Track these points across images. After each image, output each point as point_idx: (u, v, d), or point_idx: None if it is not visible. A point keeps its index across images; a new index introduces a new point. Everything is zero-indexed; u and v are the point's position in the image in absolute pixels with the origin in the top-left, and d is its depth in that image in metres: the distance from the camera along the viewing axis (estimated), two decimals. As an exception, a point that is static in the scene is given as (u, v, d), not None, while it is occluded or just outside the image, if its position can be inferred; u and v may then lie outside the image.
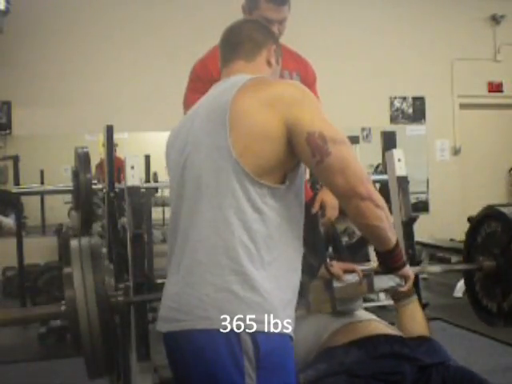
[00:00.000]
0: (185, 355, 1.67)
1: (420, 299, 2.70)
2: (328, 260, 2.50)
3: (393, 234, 1.77)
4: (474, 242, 2.69)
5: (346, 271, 2.29)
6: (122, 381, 2.84)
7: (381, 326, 2.29)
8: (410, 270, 1.95)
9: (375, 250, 1.85)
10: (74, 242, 2.01)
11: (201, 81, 2.53)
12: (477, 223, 2.70)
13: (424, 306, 2.63)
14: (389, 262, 1.86)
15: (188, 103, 2.62)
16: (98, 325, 1.86)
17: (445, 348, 2.15)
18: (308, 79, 2.89)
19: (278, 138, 1.62)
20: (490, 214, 2.62)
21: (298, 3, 2.77)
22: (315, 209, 2.74)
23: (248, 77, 1.73)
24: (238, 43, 1.86)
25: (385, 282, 2.00)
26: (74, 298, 1.87)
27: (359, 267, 2.31)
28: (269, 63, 1.88)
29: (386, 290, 2.10)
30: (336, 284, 2.28)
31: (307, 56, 2.97)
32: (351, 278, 2.26)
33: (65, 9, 7.47)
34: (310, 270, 2.24)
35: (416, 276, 2.58)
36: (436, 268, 2.83)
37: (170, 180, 1.86)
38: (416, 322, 2.30)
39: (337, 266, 2.30)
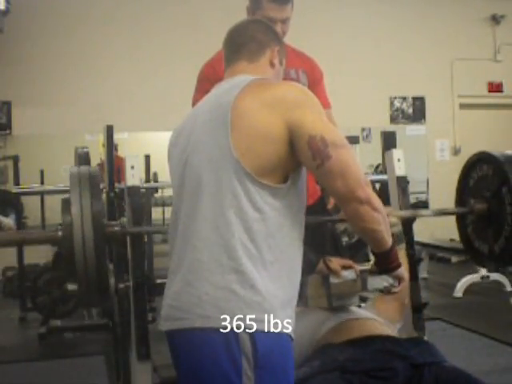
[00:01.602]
0: (184, 353, 1.68)
1: (420, 299, 2.71)
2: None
3: (389, 237, 1.78)
4: (465, 186, 2.71)
5: (344, 267, 2.31)
6: (122, 381, 2.84)
7: (377, 325, 2.30)
8: (404, 272, 1.97)
9: (371, 250, 1.86)
10: (73, 169, 2.01)
11: (209, 81, 2.53)
12: (469, 167, 2.72)
13: (424, 306, 2.64)
14: (384, 263, 1.87)
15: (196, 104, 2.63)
16: (93, 251, 1.86)
17: (440, 350, 2.16)
18: (314, 77, 2.90)
19: (279, 139, 1.63)
20: (481, 158, 2.64)
21: (298, 4, 2.77)
22: (330, 205, 2.75)
23: (251, 77, 1.74)
24: (241, 44, 1.87)
25: (379, 282, 2.02)
26: (71, 223, 1.87)
27: (358, 266, 2.33)
28: (272, 64, 1.88)
29: (379, 290, 2.12)
30: (332, 280, 2.30)
31: (307, 56, 2.98)
32: (347, 275, 2.28)
33: (65, 9, 7.48)
34: (308, 264, 2.25)
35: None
36: (428, 212, 2.86)
37: (171, 179, 1.87)
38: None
39: (335, 262, 2.32)
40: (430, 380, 1.96)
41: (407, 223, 2.75)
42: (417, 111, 8.69)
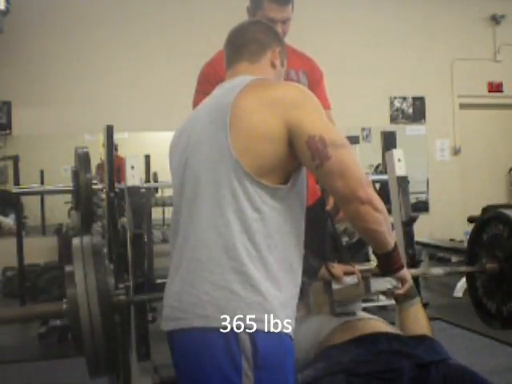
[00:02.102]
0: (184, 353, 1.68)
1: (420, 299, 2.70)
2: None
3: (391, 237, 1.77)
4: (477, 244, 2.69)
5: (346, 273, 2.29)
6: (122, 380, 2.84)
7: (380, 325, 2.29)
8: (407, 273, 1.96)
9: (373, 252, 1.85)
10: (76, 241, 2.01)
11: (209, 83, 2.53)
12: (481, 224, 2.69)
13: (424, 306, 2.63)
14: (387, 265, 1.87)
15: (196, 105, 2.63)
16: (100, 323, 1.86)
17: (445, 347, 2.15)
18: (314, 77, 2.90)
19: (278, 139, 1.63)
20: (497, 217, 2.62)
21: (298, 3, 2.77)
22: (329, 206, 2.75)
23: (250, 78, 1.74)
24: (242, 45, 1.86)
25: (382, 284, 2.00)
26: (75, 296, 1.87)
27: (358, 268, 2.32)
28: (273, 65, 1.88)
29: (383, 293, 2.11)
30: (334, 286, 2.29)
31: (307, 56, 2.98)
32: (349, 280, 2.26)
33: (65, 9, 7.48)
34: (310, 270, 2.24)
35: (416, 278, 2.58)
36: (438, 270, 2.81)
37: (172, 180, 1.87)
38: (419, 324, 2.30)
39: (338, 268, 2.30)
40: (437, 379, 1.95)
41: (407, 223, 2.76)
42: (417, 111, 8.69)
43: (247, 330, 1.58)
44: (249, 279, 1.60)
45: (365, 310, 2.65)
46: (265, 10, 2.65)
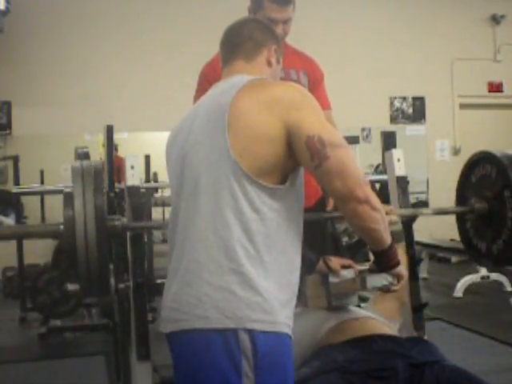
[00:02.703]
0: (184, 354, 1.68)
1: (420, 299, 2.71)
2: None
3: (388, 235, 1.78)
4: (466, 183, 2.71)
5: (343, 266, 2.31)
6: (122, 381, 2.84)
7: (377, 325, 2.30)
8: (403, 270, 1.97)
9: (370, 249, 1.86)
10: (76, 164, 2.01)
11: (209, 82, 2.53)
12: (471, 165, 2.71)
13: (424, 306, 2.64)
14: (383, 261, 1.87)
15: None
16: (95, 245, 1.86)
17: (440, 349, 2.16)
18: (315, 77, 2.90)
19: (277, 139, 1.63)
20: (484, 157, 2.63)
21: (298, 3, 2.77)
22: (330, 206, 2.76)
23: (248, 78, 1.74)
24: (238, 43, 1.86)
25: (378, 280, 2.02)
26: (72, 217, 1.87)
27: (357, 268, 2.34)
28: (269, 63, 1.87)
29: (379, 288, 2.12)
30: (331, 279, 2.31)
31: (307, 56, 2.98)
32: (346, 274, 2.29)
33: (65, 9, 7.48)
34: (308, 263, 2.25)
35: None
36: (428, 210, 2.86)
37: (169, 180, 1.87)
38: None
39: (335, 261, 2.32)
40: (430, 379, 1.96)
41: (407, 223, 2.76)
42: (417, 111, 8.69)
43: (247, 331, 1.58)
44: (248, 280, 1.60)
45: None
46: (266, 10, 2.65)
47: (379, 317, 2.40)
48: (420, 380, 1.97)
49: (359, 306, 2.59)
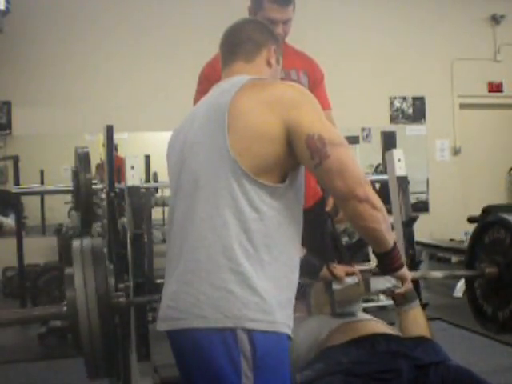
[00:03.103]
0: (183, 354, 1.68)
1: (420, 299, 2.70)
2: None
3: (390, 236, 1.77)
4: (477, 247, 2.68)
5: (347, 273, 2.29)
6: (122, 381, 2.84)
7: (380, 326, 2.29)
8: (407, 272, 1.96)
9: (373, 251, 1.86)
10: (75, 243, 2.02)
11: (209, 82, 2.53)
12: (483, 227, 2.68)
13: (424, 306, 2.64)
14: (386, 264, 1.87)
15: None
16: (99, 326, 1.87)
17: (444, 349, 2.15)
18: (315, 77, 2.90)
19: (277, 139, 1.63)
20: (497, 221, 2.61)
21: (298, 3, 2.77)
22: (329, 207, 2.75)
23: (247, 77, 1.74)
24: (237, 44, 1.86)
25: (382, 283, 2.01)
26: (74, 298, 1.88)
27: (358, 268, 2.32)
28: (269, 63, 1.87)
29: (383, 292, 2.11)
30: (335, 286, 2.29)
31: (307, 56, 2.97)
32: (350, 281, 2.27)
33: (64, 9, 7.48)
34: (311, 270, 2.24)
35: (417, 281, 2.58)
36: (437, 274, 2.81)
37: (169, 180, 1.87)
38: (418, 326, 2.30)
39: (339, 268, 2.30)
40: (435, 380, 1.95)
41: (407, 224, 2.76)
42: (417, 111, 8.68)
43: (245, 330, 1.58)
44: (246, 279, 1.60)
45: (365, 310, 2.65)
46: (266, 10, 2.65)
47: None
48: (425, 381, 1.96)
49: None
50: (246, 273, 1.60)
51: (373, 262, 1.95)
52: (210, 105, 1.74)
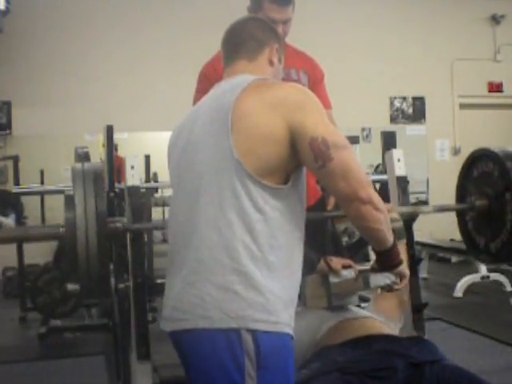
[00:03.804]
0: (187, 354, 1.69)
1: (420, 299, 2.71)
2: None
3: (390, 235, 1.79)
4: (467, 178, 2.70)
5: (344, 266, 2.32)
6: (122, 381, 2.84)
7: (377, 324, 2.30)
8: (405, 269, 1.97)
9: (373, 248, 1.87)
10: (77, 165, 2.01)
11: (209, 81, 2.53)
12: (472, 160, 2.70)
13: (424, 306, 2.64)
14: (385, 261, 1.88)
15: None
16: (96, 247, 1.86)
17: (444, 349, 2.16)
18: (315, 77, 2.90)
19: (280, 140, 1.63)
20: (487, 155, 2.62)
21: (298, 2, 2.77)
22: (329, 207, 2.75)
23: (251, 78, 1.73)
24: (239, 43, 1.86)
25: (381, 279, 2.02)
26: (73, 220, 1.86)
27: (358, 268, 2.34)
28: (271, 62, 1.87)
29: (381, 288, 2.12)
30: (332, 279, 2.31)
31: (307, 56, 2.98)
32: (347, 274, 2.29)
33: (64, 9, 7.48)
34: (309, 263, 2.25)
35: (416, 274, 2.60)
36: (428, 208, 2.87)
37: (170, 179, 1.87)
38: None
39: (335, 261, 2.32)
40: (430, 379, 1.96)
41: (408, 223, 2.75)
42: (417, 111, 8.69)
43: (249, 331, 1.59)
44: (250, 279, 1.60)
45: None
46: (265, 10, 2.66)
47: (379, 316, 2.40)
48: (420, 379, 1.97)
49: (359, 306, 2.59)
50: (250, 273, 1.60)
51: (372, 262, 1.97)
52: (213, 104, 1.74)
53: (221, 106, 1.70)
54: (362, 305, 2.69)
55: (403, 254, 2.26)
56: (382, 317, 2.41)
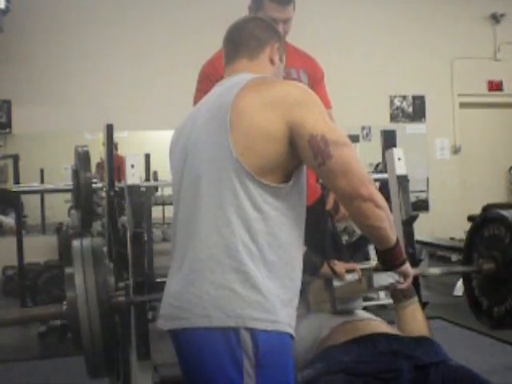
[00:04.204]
0: (186, 352, 1.68)
1: (420, 298, 2.70)
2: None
3: (393, 233, 1.78)
4: (475, 243, 2.68)
5: (348, 270, 2.30)
6: (122, 380, 2.84)
7: (381, 325, 2.29)
8: (409, 268, 1.96)
9: (375, 248, 1.86)
10: (75, 243, 2.02)
11: (209, 80, 2.53)
12: (480, 224, 2.68)
13: (424, 305, 2.63)
14: (389, 260, 1.87)
15: (197, 104, 2.64)
16: (99, 325, 1.87)
17: (444, 348, 2.15)
18: (315, 76, 2.90)
19: (280, 138, 1.63)
20: (491, 217, 2.60)
21: (298, 1, 2.77)
22: (329, 206, 2.75)
23: (251, 76, 1.73)
24: (240, 42, 1.86)
25: (384, 279, 2.01)
26: (75, 298, 1.88)
27: (359, 267, 2.33)
28: (272, 61, 1.87)
29: (385, 287, 2.11)
30: (336, 283, 2.29)
31: (307, 54, 2.97)
32: (351, 278, 2.27)
33: (64, 8, 7.48)
34: (311, 268, 2.24)
35: (416, 277, 2.58)
36: (435, 270, 2.82)
37: (172, 178, 1.87)
38: (417, 323, 2.30)
39: (339, 265, 2.31)
40: (436, 380, 1.95)
41: (407, 223, 2.75)
42: (417, 110, 8.68)
43: (248, 329, 1.59)
44: (249, 278, 1.60)
45: (365, 309, 2.64)
46: (266, 9, 2.66)
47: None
48: (425, 381, 1.96)
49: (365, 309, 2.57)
50: (249, 272, 1.60)
51: (373, 260, 1.96)
52: (213, 103, 1.74)
53: (220, 104, 1.69)
54: (364, 303, 2.68)
55: (417, 312, 2.27)
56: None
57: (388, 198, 2.78)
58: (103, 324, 1.87)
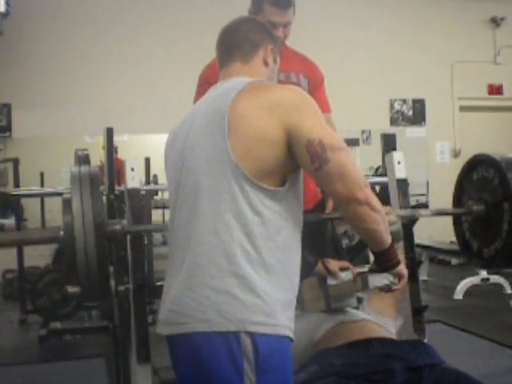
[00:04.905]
0: (185, 357, 1.68)
1: (420, 302, 2.70)
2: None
3: (388, 236, 1.79)
4: (466, 181, 2.70)
5: (341, 268, 2.32)
6: (122, 383, 2.84)
7: (375, 328, 2.30)
8: (403, 269, 1.97)
9: (370, 249, 1.87)
10: (74, 169, 2.02)
11: (209, 84, 2.53)
12: (467, 168, 2.70)
13: (424, 309, 2.64)
14: (383, 261, 1.88)
15: None
16: (95, 250, 1.86)
17: (440, 352, 2.16)
18: (315, 80, 2.90)
19: (277, 142, 1.63)
20: (487, 161, 2.61)
21: (299, 5, 2.77)
22: (329, 210, 2.76)
23: (247, 80, 1.73)
24: (234, 45, 1.86)
25: (379, 280, 2.03)
26: (71, 223, 1.87)
27: (358, 270, 2.34)
28: (265, 63, 1.87)
29: (380, 288, 2.12)
30: (330, 281, 2.31)
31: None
32: (344, 276, 2.29)
33: (64, 12, 7.49)
34: (307, 266, 2.25)
35: (415, 281, 2.60)
36: (426, 211, 2.85)
37: (167, 182, 1.87)
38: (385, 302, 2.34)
39: (333, 263, 2.33)
40: (429, 382, 1.96)
41: (407, 226, 2.75)
42: (417, 113, 8.69)
43: (248, 334, 1.59)
44: (248, 282, 1.60)
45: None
46: (266, 13, 2.66)
47: (375, 315, 2.40)
48: (418, 383, 1.96)
49: (357, 308, 2.59)
50: (248, 276, 1.61)
51: (372, 261, 1.97)
52: (210, 107, 1.74)
53: (217, 108, 1.69)
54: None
55: (401, 256, 2.27)
56: (377, 316, 2.41)
57: (388, 202, 2.78)
58: (98, 249, 1.87)
